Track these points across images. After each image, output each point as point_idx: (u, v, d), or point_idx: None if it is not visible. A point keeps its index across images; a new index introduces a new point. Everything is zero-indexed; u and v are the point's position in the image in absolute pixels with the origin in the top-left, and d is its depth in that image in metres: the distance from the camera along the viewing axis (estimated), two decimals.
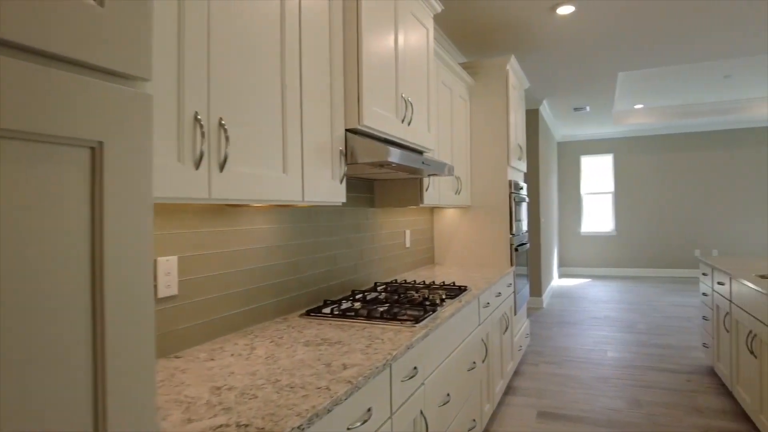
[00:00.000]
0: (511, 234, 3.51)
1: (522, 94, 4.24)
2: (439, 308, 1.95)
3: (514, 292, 3.50)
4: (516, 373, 3.71)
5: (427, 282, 2.68)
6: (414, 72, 2.27)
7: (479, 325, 2.47)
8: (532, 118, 6.29)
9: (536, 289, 6.24)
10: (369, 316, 1.77)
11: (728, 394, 3.17)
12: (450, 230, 3.68)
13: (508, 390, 3.37)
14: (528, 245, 4.18)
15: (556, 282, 8.26)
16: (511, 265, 3.50)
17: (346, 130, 1.76)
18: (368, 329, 1.65)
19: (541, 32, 3.81)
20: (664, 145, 8.69)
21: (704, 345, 3.64)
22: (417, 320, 1.71)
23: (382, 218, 2.83)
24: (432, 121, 2.50)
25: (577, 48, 4.20)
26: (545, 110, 6.70)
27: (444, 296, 2.17)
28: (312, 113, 1.56)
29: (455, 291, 2.34)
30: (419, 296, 2.14)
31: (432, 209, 3.72)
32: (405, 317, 1.75)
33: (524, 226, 4.13)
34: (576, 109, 6.90)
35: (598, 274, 9.04)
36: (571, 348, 4.36)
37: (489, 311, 2.70)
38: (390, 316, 1.76)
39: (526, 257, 4.20)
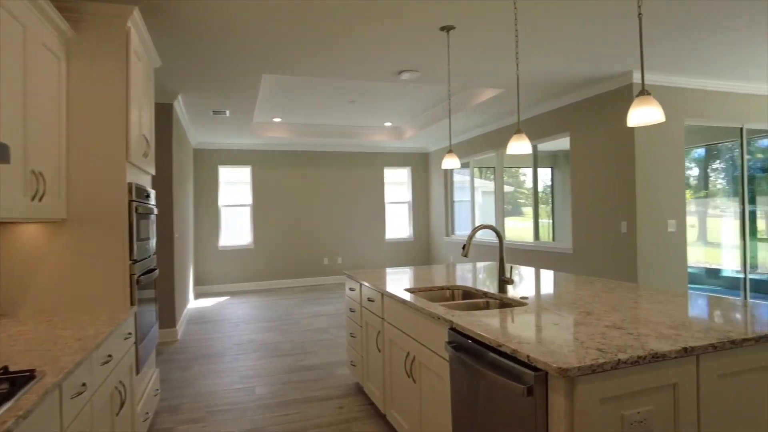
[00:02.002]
0: (132, 260, 2.47)
1: (150, 73, 3.23)
2: None
3: (136, 342, 2.46)
4: None
5: None
6: None
7: None
8: (165, 113, 5.24)
9: (170, 320, 5.19)
10: None
11: (380, 416, 3.06)
12: (31, 258, 2.32)
13: None
14: (157, 271, 3.18)
15: (193, 304, 7.34)
16: (132, 304, 2.45)
17: None
18: None
19: None
20: (298, 161, 9.07)
21: (352, 363, 3.51)
22: None
23: None
24: None
25: (223, 30, 3.51)
26: (180, 108, 5.76)
27: None
28: None
29: (7, 387, 1.20)
30: None
31: None
32: None
33: (153, 246, 3.11)
34: (215, 113, 6.25)
35: (238, 290, 8.62)
36: (215, 392, 3.58)
37: (87, 396, 1.63)
38: None
39: (155, 285, 3.19)
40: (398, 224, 9.99)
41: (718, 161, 6.84)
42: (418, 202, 9.97)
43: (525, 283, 2.82)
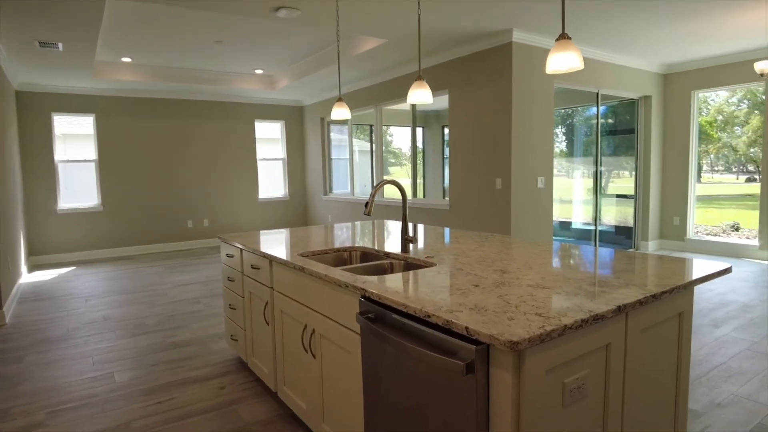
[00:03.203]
0: None
1: None
2: None
3: None
4: None
5: None
6: None
7: None
8: None
9: None
10: None
11: (270, 394, 2.76)
12: None
13: None
14: None
15: (26, 279, 6.15)
16: None
17: None
18: None
19: None
20: (153, 110, 7.94)
21: (232, 337, 3.13)
22: None
23: None
24: None
25: None
26: None
27: None
28: None
29: None
30: None
31: None
32: None
33: None
34: (43, 45, 5.06)
35: (85, 259, 7.46)
36: (60, 386, 2.95)
37: None
38: None
39: None
40: (272, 183, 9.42)
41: (560, 126, 7.45)
42: (293, 160, 9.47)
43: (422, 240, 2.68)
